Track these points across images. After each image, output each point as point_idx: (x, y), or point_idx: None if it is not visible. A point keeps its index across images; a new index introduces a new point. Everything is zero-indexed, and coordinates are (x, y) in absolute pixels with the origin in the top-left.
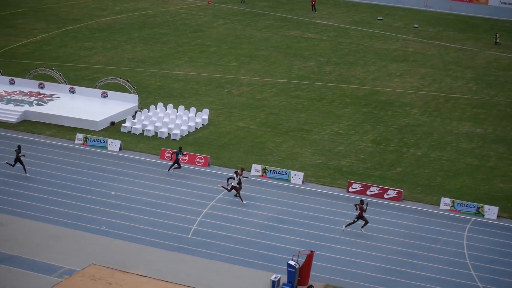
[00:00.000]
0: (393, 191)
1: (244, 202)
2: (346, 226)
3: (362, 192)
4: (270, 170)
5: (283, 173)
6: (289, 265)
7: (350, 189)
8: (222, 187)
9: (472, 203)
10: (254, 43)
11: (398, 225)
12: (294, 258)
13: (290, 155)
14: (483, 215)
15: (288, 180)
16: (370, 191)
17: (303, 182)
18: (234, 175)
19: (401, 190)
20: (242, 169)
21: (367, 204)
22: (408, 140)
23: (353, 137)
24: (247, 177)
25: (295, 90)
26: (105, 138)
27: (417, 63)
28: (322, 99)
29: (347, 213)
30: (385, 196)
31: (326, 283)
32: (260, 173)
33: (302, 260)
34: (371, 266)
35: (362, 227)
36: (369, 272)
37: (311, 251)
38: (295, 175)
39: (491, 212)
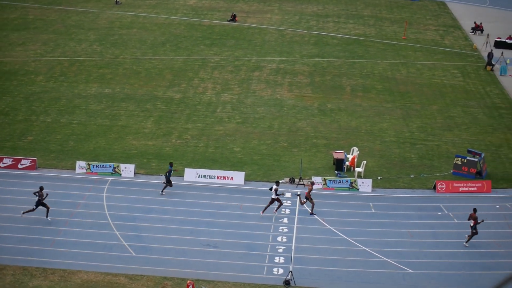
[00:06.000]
0: (26, 161)
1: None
2: (466, 242)
3: None
4: None
5: None
6: None
7: None
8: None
9: (107, 163)
10: None
11: None
12: None
13: None
14: (120, 174)
15: None
16: (4, 163)
17: None
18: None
19: (35, 158)
20: (277, 183)
21: (482, 221)
22: (36, 108)
23: None
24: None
25: None
26: None
27: (39, 30)
28: None
29: None
30: (19, 166)
31: None
32: None
33: None
34: (14, 238)
35: (469, 235)
36: (13, 244)
37: None
38: None
39: (127, 170)
